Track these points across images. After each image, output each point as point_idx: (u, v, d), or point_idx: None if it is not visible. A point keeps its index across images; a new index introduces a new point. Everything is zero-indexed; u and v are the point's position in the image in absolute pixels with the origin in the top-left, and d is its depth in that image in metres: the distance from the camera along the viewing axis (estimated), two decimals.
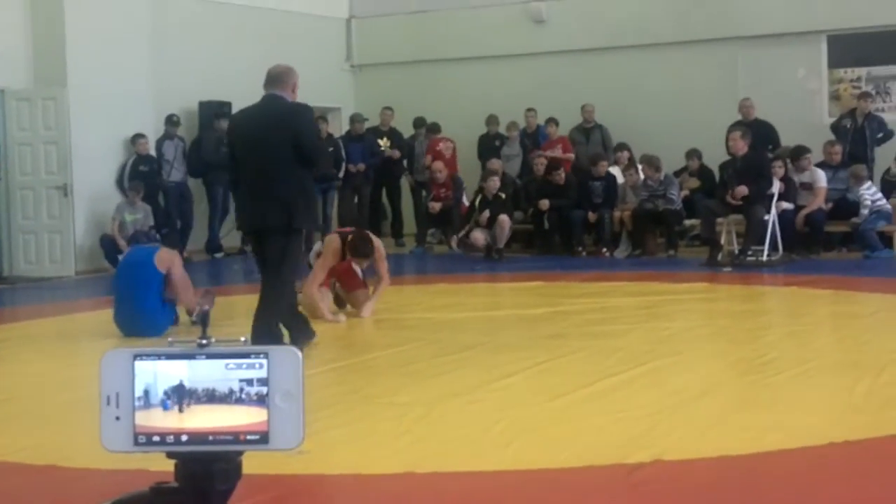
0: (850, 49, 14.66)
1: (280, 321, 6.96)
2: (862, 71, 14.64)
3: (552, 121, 15.20)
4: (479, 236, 13.59)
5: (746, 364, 6.45)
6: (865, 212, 12.41)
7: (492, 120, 15.62)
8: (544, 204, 13.89)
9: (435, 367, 6.60)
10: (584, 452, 4.51)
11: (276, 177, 6.74)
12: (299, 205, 6.82)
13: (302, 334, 7.09)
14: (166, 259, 8.06)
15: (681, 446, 4.56)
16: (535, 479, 4.26)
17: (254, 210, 6.87)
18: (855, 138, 13.41)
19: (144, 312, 7.77)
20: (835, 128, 13.64)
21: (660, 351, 6.87)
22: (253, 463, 1.53)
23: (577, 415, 5.24)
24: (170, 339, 1.45)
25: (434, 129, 15.76)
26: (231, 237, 15.21)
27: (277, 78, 6.92)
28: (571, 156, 14.78)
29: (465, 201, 14.54)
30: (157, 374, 1.41)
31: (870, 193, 12.51)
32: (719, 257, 12.15)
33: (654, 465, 4.24)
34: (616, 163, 14.52)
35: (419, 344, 7.35)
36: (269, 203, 6.74)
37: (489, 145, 15.53)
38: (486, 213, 13.51)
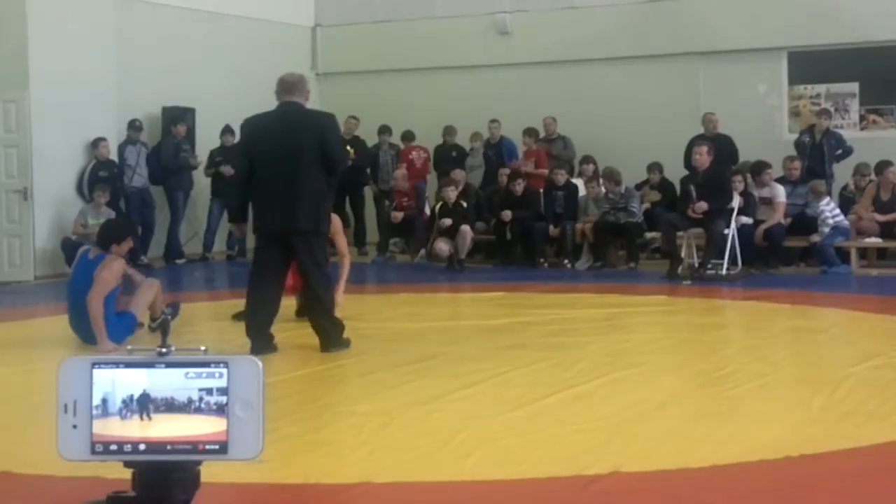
0: (810, 66, 14.83)
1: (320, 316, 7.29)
2: (821, 88, 14.82)
3: (530, 132, 15.22)
4: (442, 247, 13.60)
5: (705, 377, 6.50)
6: (825, 228, 12.54)
7: (449, 131, 15.69)
8: (506, 215, 13.93)
9: (396, 376, 6.59)
10: (542, 464, 4.53)
11: (304, 181, 7.05)
12: (323, 208, 7.26)
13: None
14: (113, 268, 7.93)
15: (639, 458, 4.58)
16: (494, 491, 4.27)
17: (282, 213, 7.09)
18: (814, 154, 13.57)
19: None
20: (796, 144, 13.80)
21: (619, 363, 6.91)
22: (212, 471, 1.52)
23: (537, 426, 5.25)
24: (129, 346, 1.45)
25: (408, 136, 15.82)
26: (192, 244, 15.14)
27: (294, 86, 7.25)
28: (544, 171, 14.79)
29: (428, 211, 14.57)
30: (115, 382, 1.41)
31: (829, 209, 12.65)
32: (679, 270, 12.23)
33: (612, 477, 4.26)
34: (581, 175, 14.59)
35: (380, 353, 7.34)
36: (298, 206, 7.04)
37: (446, 156, 15.57)
38: (448, 221, 13.53)
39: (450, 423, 5.29)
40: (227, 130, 15.22)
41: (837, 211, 12.73)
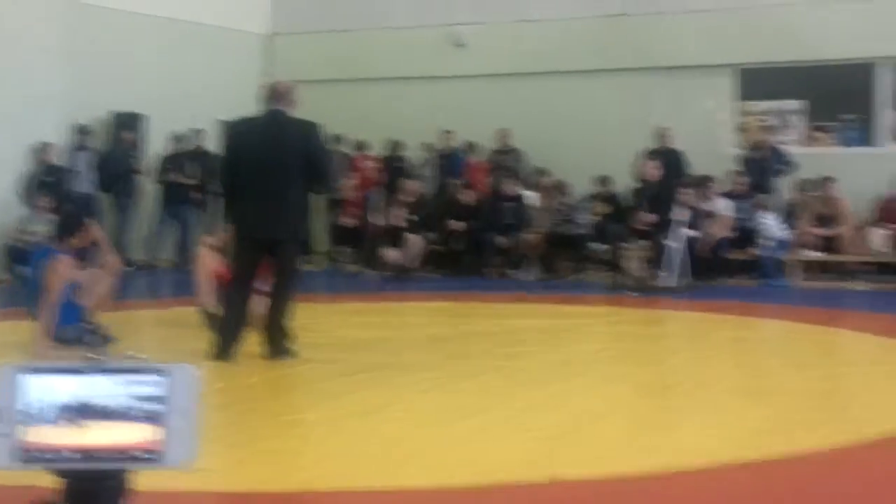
0: (758, 83, 15.04)
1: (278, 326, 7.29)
2: (768, 105, 15.04)
3: (471, 145, 15.32)
4: (390, 255, 13.62)
5: (648, 387, 6.58)
6: (768, 241, 12.72)
7: (394, 145, 15.76)
8: (455, 225, 13.98)
9: (342, 385, 6.60)
10: (487, 472, 4.56)
11: (289, 189, 7.11)
12: (306, 217, 7.39)
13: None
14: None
15: (580, 467, 4.63)
16: (436, 498, 4.30)
17: (266, 220, 7.13)
18: (759, 170, 13.77)
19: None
20: (742, 159, 14.00)
21: (564, 372, 6.97)
22: (151, 480, 1.52)
23: (482, 435, 5.29)
24: (61, 353, 1.45)
25: (361, 146, 15.85)
26: (140, 251, 15.01)
27: (284, 94, 7.31)
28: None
29: (377, 220, 14.57)
30: (47, 389, 1.38)
31: (772, 223, 12.84)
32: (625, 282, 12.34)
33: (555, 485, 4.31)
34: (538, 187, 14.62)
35: (326, 362, 7.33)
36: (282, 214, 7.11)
37: (390, 167, 15.62)
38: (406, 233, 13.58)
39: (395, 431, 5.32)
40: (178, 137, 15.13)
41: (781, 225, 12.93)
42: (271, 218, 7.11)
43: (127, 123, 14.84)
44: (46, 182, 13.37)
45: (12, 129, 13.10)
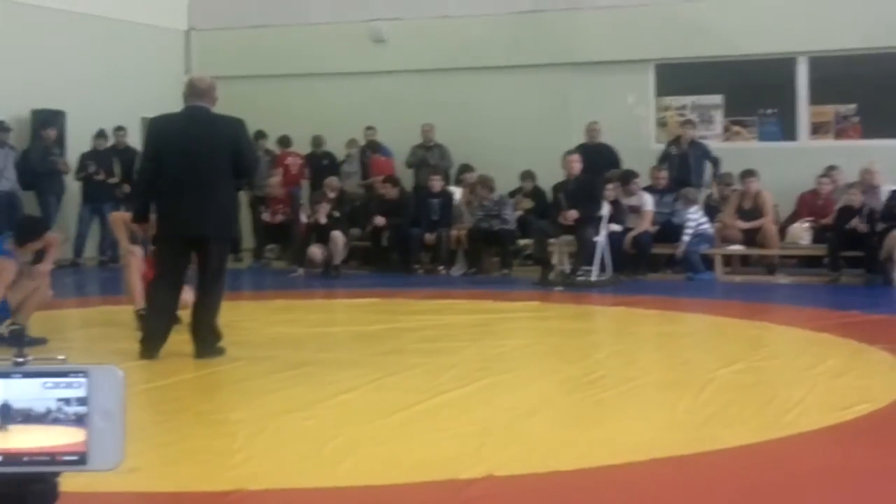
0: (676, 78, 15.25)
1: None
2: (687, 99, 15.25)
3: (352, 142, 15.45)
4: (315, 252, 13.55)
5: (575, 382, 6.61)
6: (686, 236, 12.89)
7: (317, 140, 15.74)
8: (379, 220, 13.96)
9: (270, 383, 6.54)
10: (417, 468, 4.55)
11: (216, 187, 7.05)
12: (234, 214, 7.36)
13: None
14: None
15: (512, 462, 4.64)
16: (369, 496, 4.27)
17: (193, 218, 7.03)
18: (680, 164, 13.96)
19: None
20: (662, 154, 14.18)
21: (493, 368, 6.98)
22: (77, 482, 1.50)
23: (412, 431, 5.27)
24: None
25: (284, 142, 15.77)
26: (62, 249, 14.72)
27: (206, 91, 7.24)
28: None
29: (304, 217, 14.50)
30: None
31: (695, 217, 13.01)
32: (551, 277, 12.42)
33: (485, 481, 4.30)
34: (460, 183, 14.68)
35: (255, 360, 7.26)
36: (210, 212, 7.02)
37: (318, 164, 15.57)
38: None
39: (324, 429, 5.27)
40: (100, 134, 14.89)
41: (704, 219, 13.11)
42: (200, 215, 7.03)
43: (47, 120, 14.58)
44: None
45: None
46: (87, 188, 14.86)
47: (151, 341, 7.15)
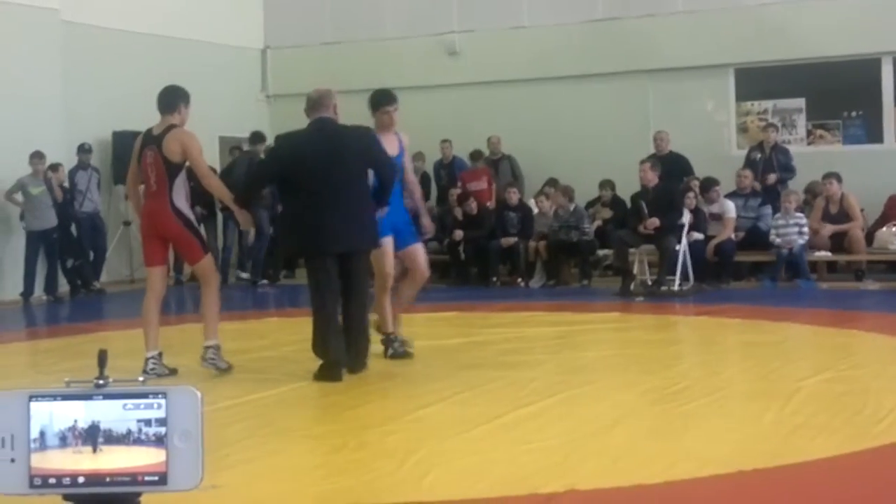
0: (756, 82, 15.03)
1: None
2: (768, 104, 15.01)
3: (477, 153, 15.33)
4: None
5: (658, 393, 6.52)
6: (803, 239, 12.51)
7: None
8: (458, 234, 13.96)
9: (350, 398, 6.56)
10: (499, 483, 4.52)
11: (354, 198, 7.07)
12: (375, 223, 7.27)
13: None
14: None
15: (594, 476, 4.58)
16: None
17: (341, 232, 7.03)
18: (765, 168, 13.72)
19: None
20: (747, 159, 13.95)
21: (573, 380, 6.92)
22: (161, 499, 1.50)
23: (493, 445, 5.24)
24: (66, 378, 1.42)
25: None
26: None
27: (319, 102, 7.34)
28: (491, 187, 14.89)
29: None
30: (53, 414, 1.39)
31: (804, 221, 12.66)
32: (632, 287, 12.30)
33: (568, 495, 4.25)
34: (544, 195, 14.54)
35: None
36: (354, 224, 7.06)
37: None
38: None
39: (406, 443, 5.27)
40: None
41: (799, 224, 12.74)
42: (346, 229, 7.03)
43: (129, 141, 14.84)
44: (53, 200, 13.39)
45: (13, 146, 13.09)
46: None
47: (336, 364, 7.06)
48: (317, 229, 7.08)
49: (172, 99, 7.66)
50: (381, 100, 7.93)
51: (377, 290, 7.81)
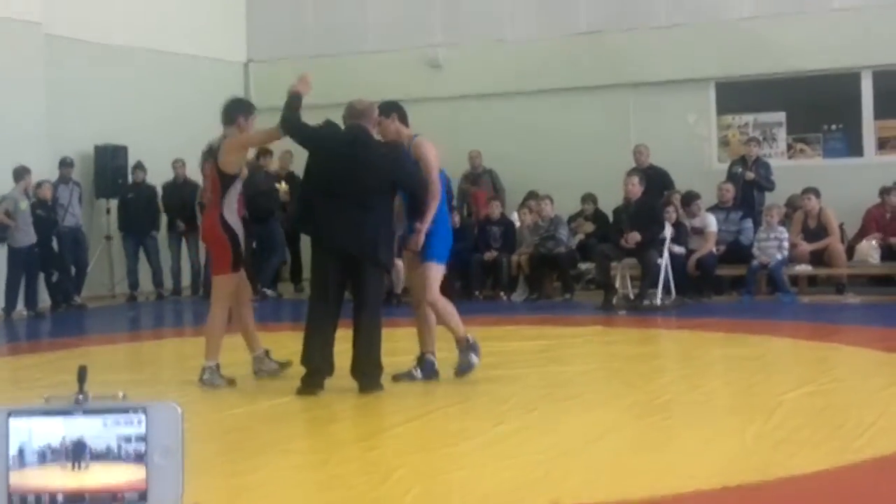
0: (737, 96, 15.10)
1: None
2: (749, 117, 15.08)
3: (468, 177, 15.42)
4: None
5: (641, 407, 6.52)
6: (780, 255, 12.55)
7: None
8: None
9: (332, 413, 6.54)
10: (483, 498, 4.50)
11: (368, 210, 6.98)
12: (388, 239, 7.17)
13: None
14: None
15: (578, 490, 4.57)
16: None
17: (342, 233, 6.96)
18: (745, 183, 13.76)
19: None
20: (729, 173, 14.00)
21: (556, 395, 6.91)
22: None
23: (476, 460, 5.22)
24: (46, 395, 1.41)
25: None
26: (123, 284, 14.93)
27: (363, 112, 7.35)
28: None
29: None
30: (32, 432, 1.36)
31: (784, 236, 12.71)
32: (614, 301, 12.31)
33: None
34: (527, 208, 14.51)
35: (325, 391, 7.24)
36: (359, 232, 6.95)
37: None
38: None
39: (389, 459, 5.25)
40: (139, 167, 15.05)
41: (786, 236, 12.78)
42: (349, 232, 6.96)
43: (110, 155, 14.80)
44: (40, 217, 13.31)
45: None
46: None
47: (316, 373, 7.01)
48: (318, 222, 7.10)
49: (232, 110, 7.69)
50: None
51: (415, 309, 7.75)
